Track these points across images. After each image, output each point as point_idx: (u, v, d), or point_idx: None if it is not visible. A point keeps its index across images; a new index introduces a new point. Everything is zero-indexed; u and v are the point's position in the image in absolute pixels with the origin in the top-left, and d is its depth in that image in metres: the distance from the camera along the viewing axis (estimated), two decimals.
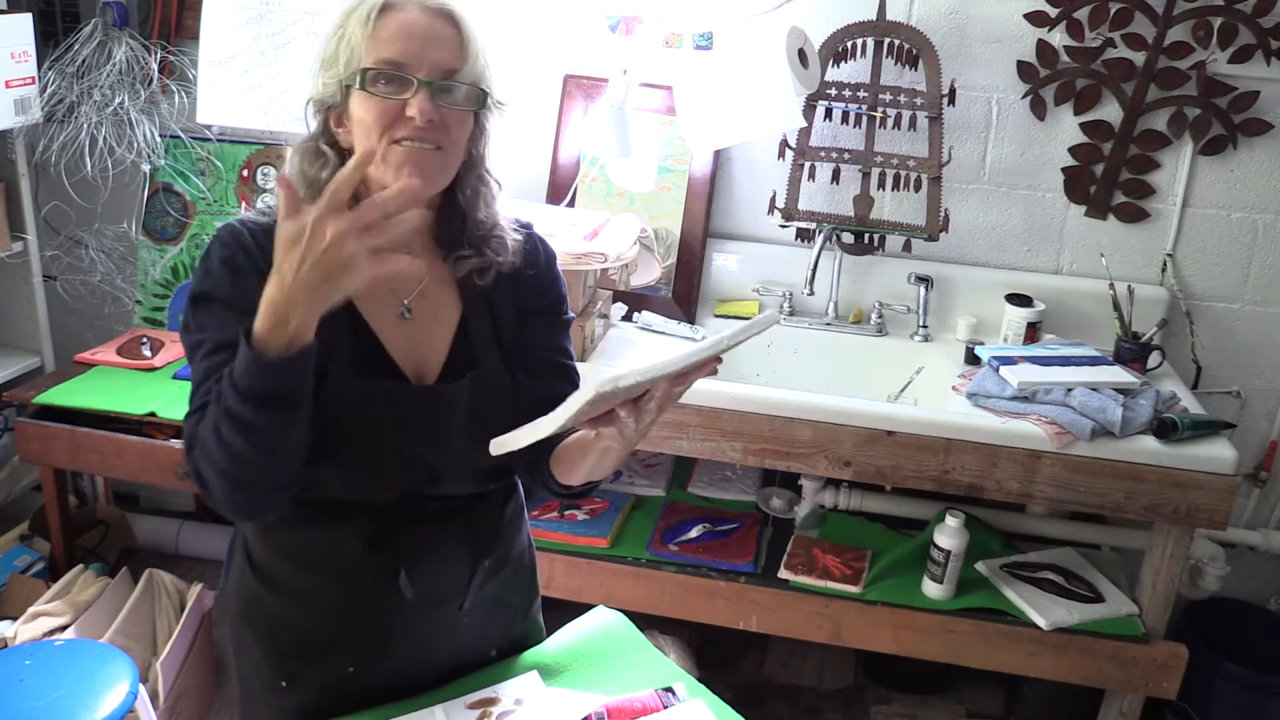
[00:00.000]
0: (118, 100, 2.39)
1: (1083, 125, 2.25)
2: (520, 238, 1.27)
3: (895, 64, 2.24)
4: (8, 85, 2.27)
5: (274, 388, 0.99)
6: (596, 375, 1.00)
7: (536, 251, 1.30)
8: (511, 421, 1.12)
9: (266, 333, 0.96)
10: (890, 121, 2.25)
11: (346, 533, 1.20)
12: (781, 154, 2.30)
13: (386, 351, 1.18)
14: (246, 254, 1.12)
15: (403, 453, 1.18)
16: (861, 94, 2.25)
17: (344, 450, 1.14)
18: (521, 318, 1.27)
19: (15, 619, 2.17)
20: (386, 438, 1.17)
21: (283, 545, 1.23)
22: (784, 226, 2.35)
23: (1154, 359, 2.13)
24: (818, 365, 2.31)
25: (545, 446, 1.21)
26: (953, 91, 2.22)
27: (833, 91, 2.25)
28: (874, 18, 2.21)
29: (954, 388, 2.09)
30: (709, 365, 1.05)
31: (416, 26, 1.11)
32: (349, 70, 1.11)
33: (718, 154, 2.36)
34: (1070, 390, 1.94)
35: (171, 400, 2.25)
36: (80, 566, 2.34)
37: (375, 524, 1.20)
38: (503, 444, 1.08)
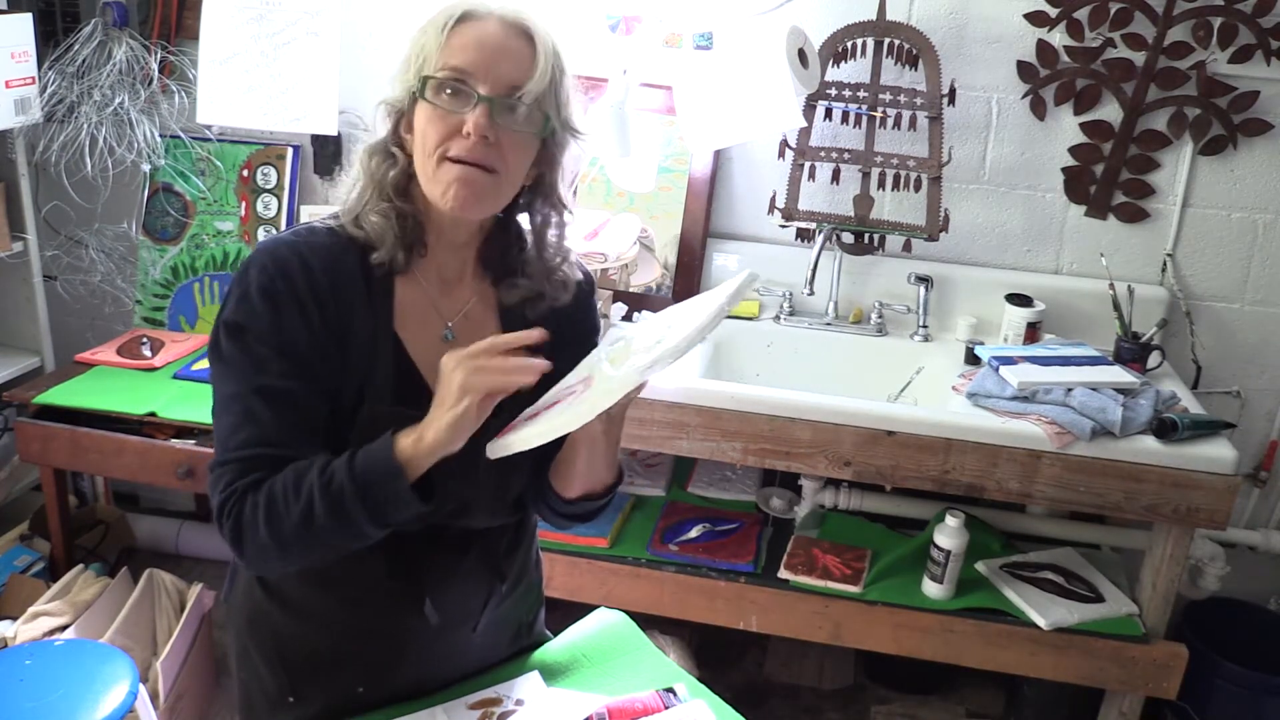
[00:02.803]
0: (118, 100, 2.38)
1: (1083, 125, 2.25)
2: (580, 277, 1.26)
3: (895, 64, 2.24)
4: (8, 85, 2.27)
5: (406, 516, 1.04)
6: (609, 378, 1.00)
7: (583, 272, 1.28)
8: (540, 453, 1.11)
9: (418, 456, 1.02)
10: (890, 121, 2.25)
11: (365, 557, 1.17)
12: (781, 154, 2.30)
13: (425, 380, 1.16)
14: (288, 282, 1.09)
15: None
16: (861, 94, 2.25)
17: None
18: (557, 345, 1.24)
19: (15, 619, 2.17)
20: None
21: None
22: (784, 226, 2.36)
23: (1154, 359, 2.14)
24: (818, 365, 2.31)
25: (546, 461, 1.22)
26: (953, 91, 2.22)
27: (833, 91, 2.25)
28: (874, 18, 2.21)
29: (954, 388, 2.09)
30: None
31: (490, 39, 1.08)
32: (416, 77, 1.09)
33: (718, 154, 2.36)
34: (1070, 390, 1.94)
35: (172, 400, 2.25)
36: (80, 566, 2.34)
37: (395, 550, 1.19)
38: (508, 446, 1.05)
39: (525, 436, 1.03)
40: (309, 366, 1.09)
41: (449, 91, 1.08)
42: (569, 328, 1.25)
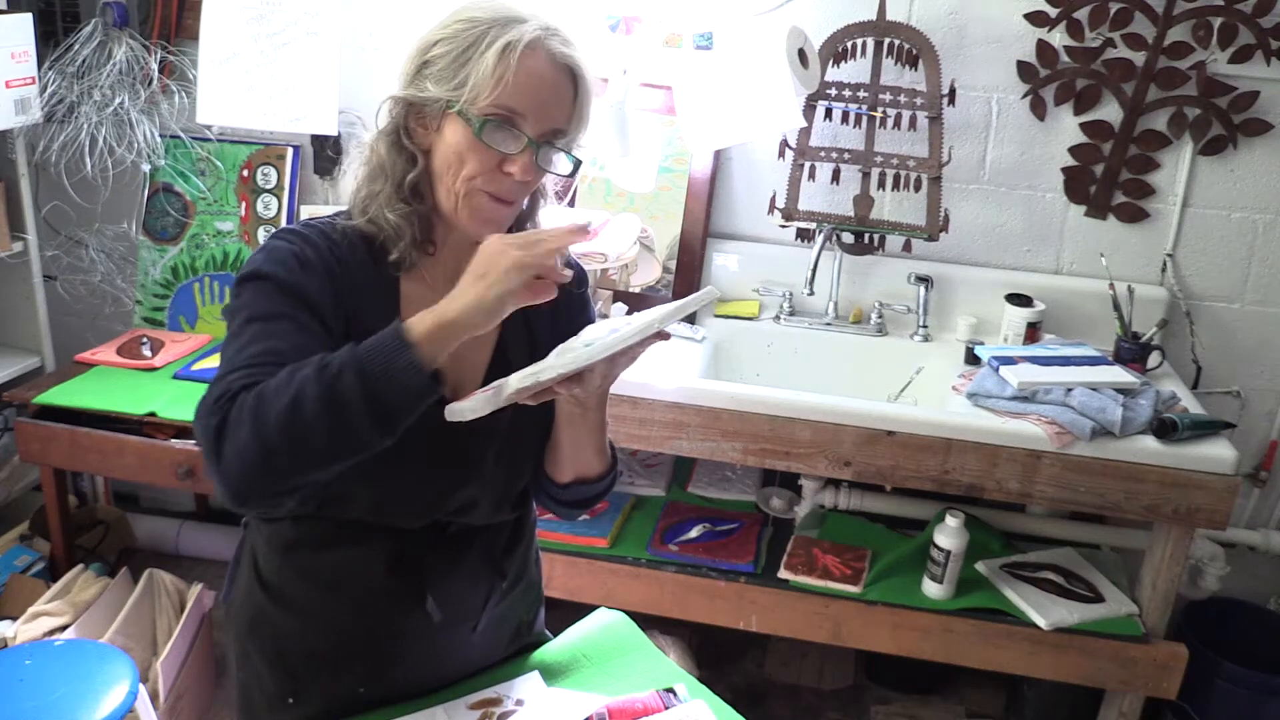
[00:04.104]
0: (118, 100, 2.38)
1: (1083, 125, 2.25)
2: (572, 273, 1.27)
3: (895, 64, 2.24)
4: (8, 85, 2.27)
5: (409, 406, 0.97)
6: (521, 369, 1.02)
7: (577, 269, 1.29)
8: (542, 445, 1.13)
9: (436, 329, 0.96)
10: (890, 121, 2.25)
11: (367, 555, 1.18)
12: (781, 154, 2.30)
13: None
14: (316, 251, 1.10)
15: (438, 481, 1.17)
16: (861, 94, 2.25)
17: (378, 475, 1.10)
18: (558, 337, 1.24)
19: (15, 619, 2.17)
20: (424, 465, 1.15)
21: (298, 564, 1.21)
22: (784, 226, 2.35)
23: (1154, 359, 2.14)
24: (818, 365, 2.31)
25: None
26: (953, 91, 2.22)
27: (833, 91, 2.25)
28: (874, 18, 2.21)
29: (954, 388, 2.09)
30: (649, 341, 1.03)
31: (545, 80, 1.08)
32: (463, 99, 1.06)
33: (718, 154, 2.36)
34: (1070, 390, 1.94)
35: (172, 400, 2.25)
36: (80, 566, 2.34)
37: (396, 547, 1.19)
38: (458, 412, 1.03)
39: (472, 405, 1.02)
40: (327, 324, 1.08)
41: (498, 130, 1.07)
42: (570, 320, 1.27)
